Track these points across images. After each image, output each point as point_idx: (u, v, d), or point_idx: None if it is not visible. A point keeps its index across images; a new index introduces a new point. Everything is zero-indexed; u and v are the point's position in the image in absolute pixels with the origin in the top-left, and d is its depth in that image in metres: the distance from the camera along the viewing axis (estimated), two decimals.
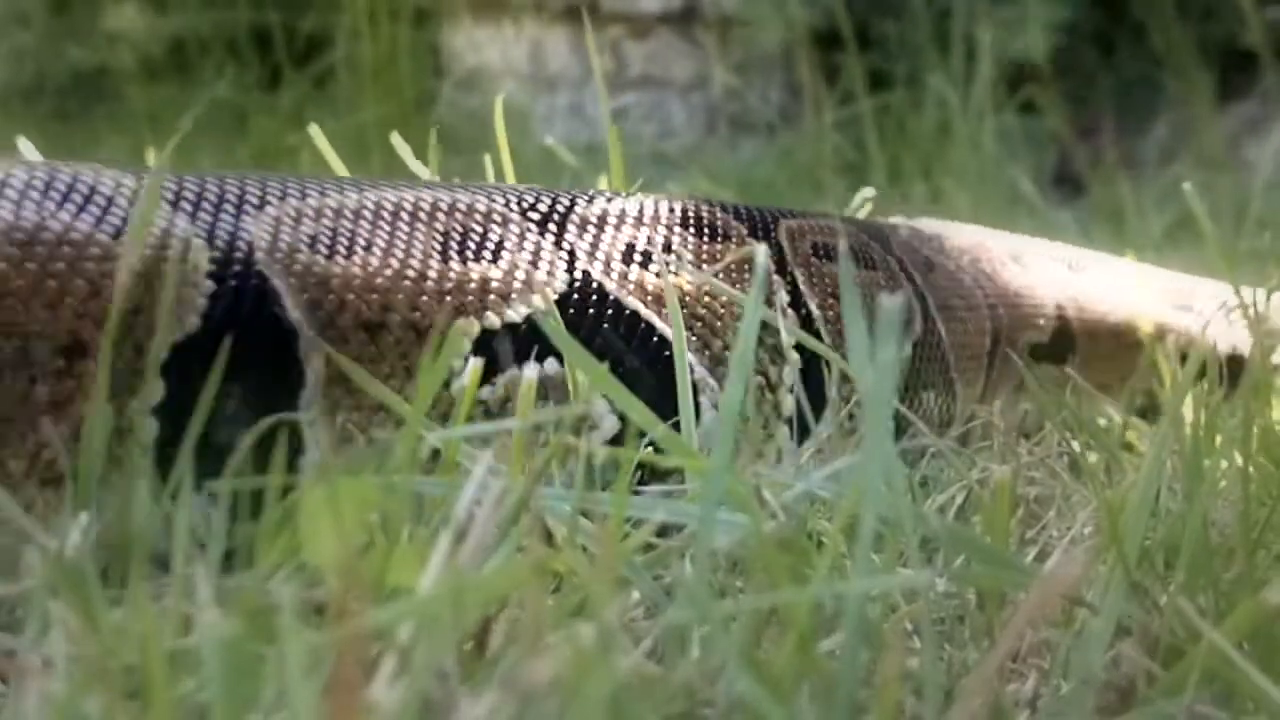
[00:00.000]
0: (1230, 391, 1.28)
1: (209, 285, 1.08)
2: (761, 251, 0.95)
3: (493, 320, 1.18)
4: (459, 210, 1.23)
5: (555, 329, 1.14)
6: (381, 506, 0.83)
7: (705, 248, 1.34)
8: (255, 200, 1.15)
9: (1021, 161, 4.08)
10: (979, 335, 1.61)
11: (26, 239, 1.02)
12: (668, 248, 1.31)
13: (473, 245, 1.21)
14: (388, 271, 1.15)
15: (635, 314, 1.25)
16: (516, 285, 1.20)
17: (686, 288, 1.30)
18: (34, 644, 0.77)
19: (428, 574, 0.74)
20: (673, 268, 1.29)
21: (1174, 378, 1.44)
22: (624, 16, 5.03)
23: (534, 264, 1.23)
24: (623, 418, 1.19)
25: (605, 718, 0.64)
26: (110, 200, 1.08)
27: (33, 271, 1.01)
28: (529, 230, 1.25)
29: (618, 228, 1.31)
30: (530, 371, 1.03)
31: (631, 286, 1.26)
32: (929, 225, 1.79)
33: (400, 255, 1.17)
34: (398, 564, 0.80)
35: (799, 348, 1.30)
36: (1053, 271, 1.79)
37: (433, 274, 1.17)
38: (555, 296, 1.21)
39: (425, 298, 1.15)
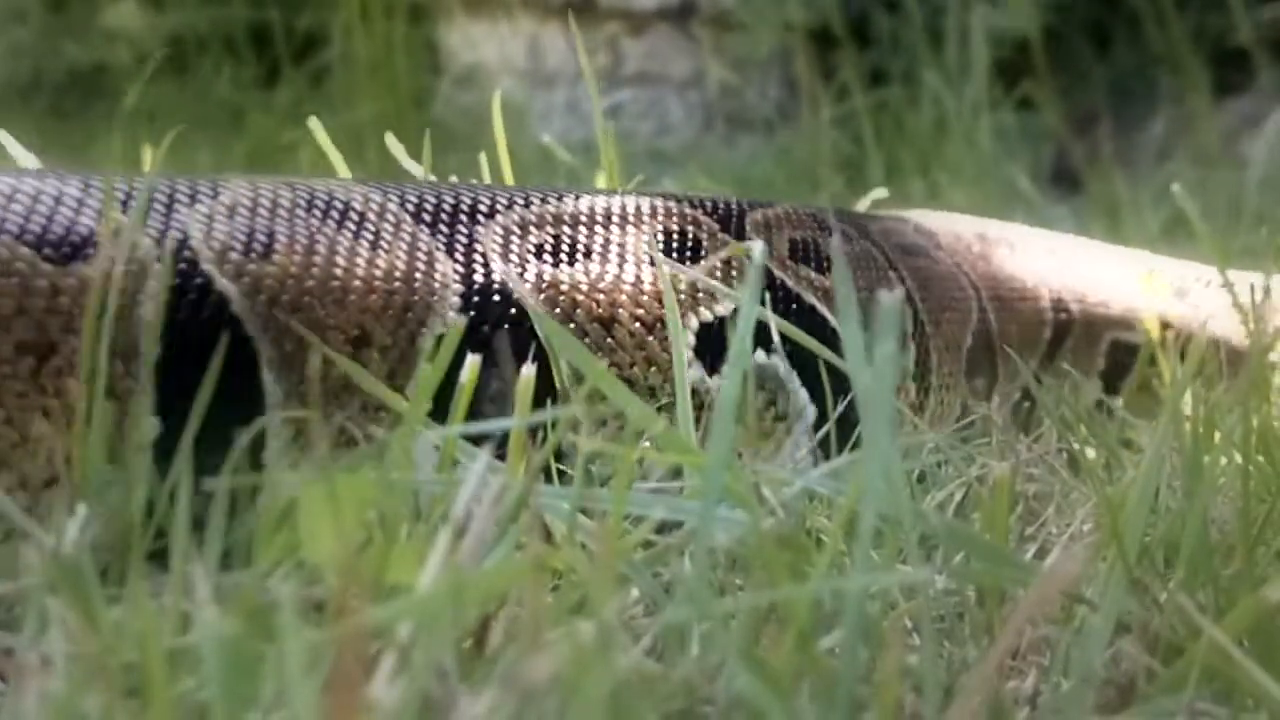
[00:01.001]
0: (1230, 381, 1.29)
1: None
2: (758, 248, 0.95)
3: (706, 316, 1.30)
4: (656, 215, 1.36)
5: (547, 323, 1.14)
6: (380, 504, 0.83)
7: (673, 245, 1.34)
8: (485, 209, 1.27)
9: (1018, 158, 4.09)
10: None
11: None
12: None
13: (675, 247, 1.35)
14: (610, 274, 1.29)
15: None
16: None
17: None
18: (33, 642, 0.77)
19: (427, 572, 0.74)
20: (667, 265, 1.29)
21: (1173, 374, 1.44)
22: (621, 13, 5.02)
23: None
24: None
25: (605, 715, 0.63)
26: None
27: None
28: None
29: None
30: (527, 369, 1.03)
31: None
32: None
33: (623, 258, 1.30)
34: (397, 561, 0.80)
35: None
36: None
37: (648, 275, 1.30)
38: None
39: (645, 297, 1.28)
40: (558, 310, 1.24)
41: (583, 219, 1.31)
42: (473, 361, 1.06)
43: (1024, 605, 0.73)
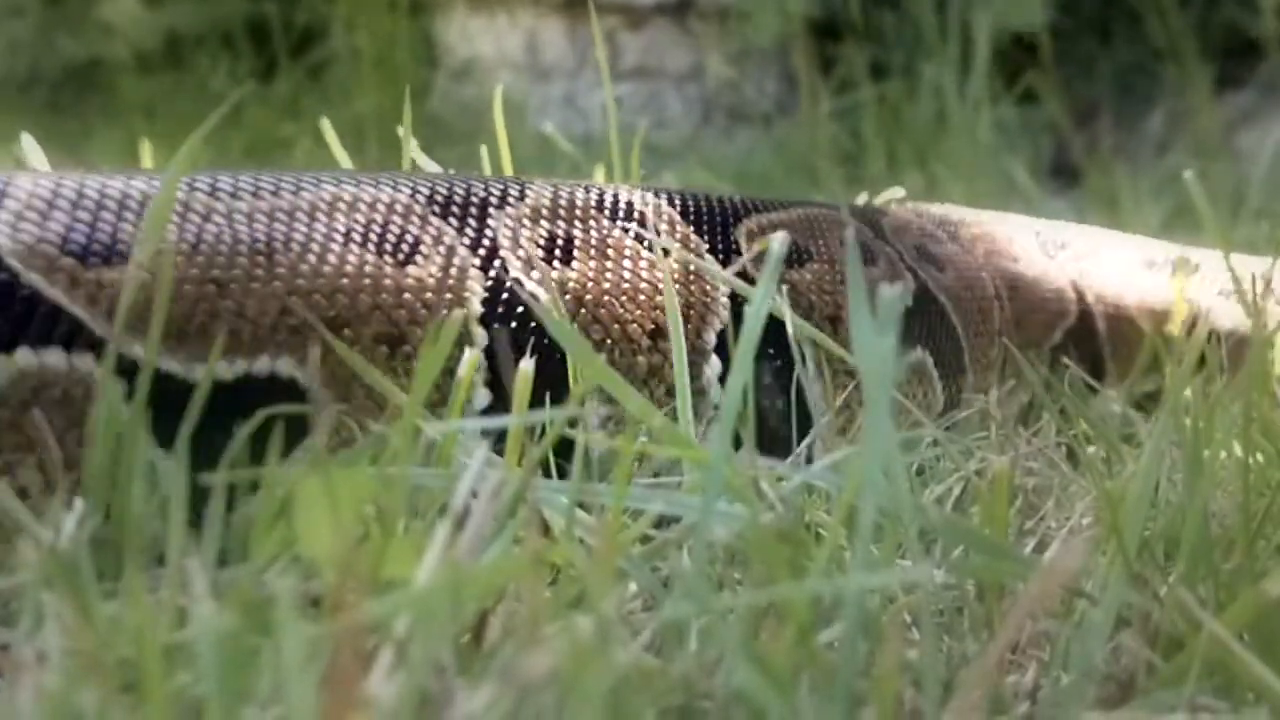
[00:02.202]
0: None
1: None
2: (779, 239, 0.94)
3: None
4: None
5: (550, 317, 1.13)
6: (377, 498, 0.83)
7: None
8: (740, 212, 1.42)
9: (1018, 151, 4.08)
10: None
11: None
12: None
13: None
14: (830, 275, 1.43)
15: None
16: None
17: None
18: (28, 637, 0.77)
19: (425, 566, 0.74)
20: (672, 258, 1.29)
21: (1174, 367, 1.43)
22: (619, 7, 5.02)
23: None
24: None
25: (603, 710, 0.63)
26: None
27: None
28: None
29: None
30: (526, 364, 1.03)
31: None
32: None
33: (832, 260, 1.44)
34: (394, 556, 0.80)
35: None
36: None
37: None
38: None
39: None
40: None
41: None
42: (471, 356, 1.05)
43: (1024, 599, 0.72)
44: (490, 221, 1.25)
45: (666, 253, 1.30)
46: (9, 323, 1.01)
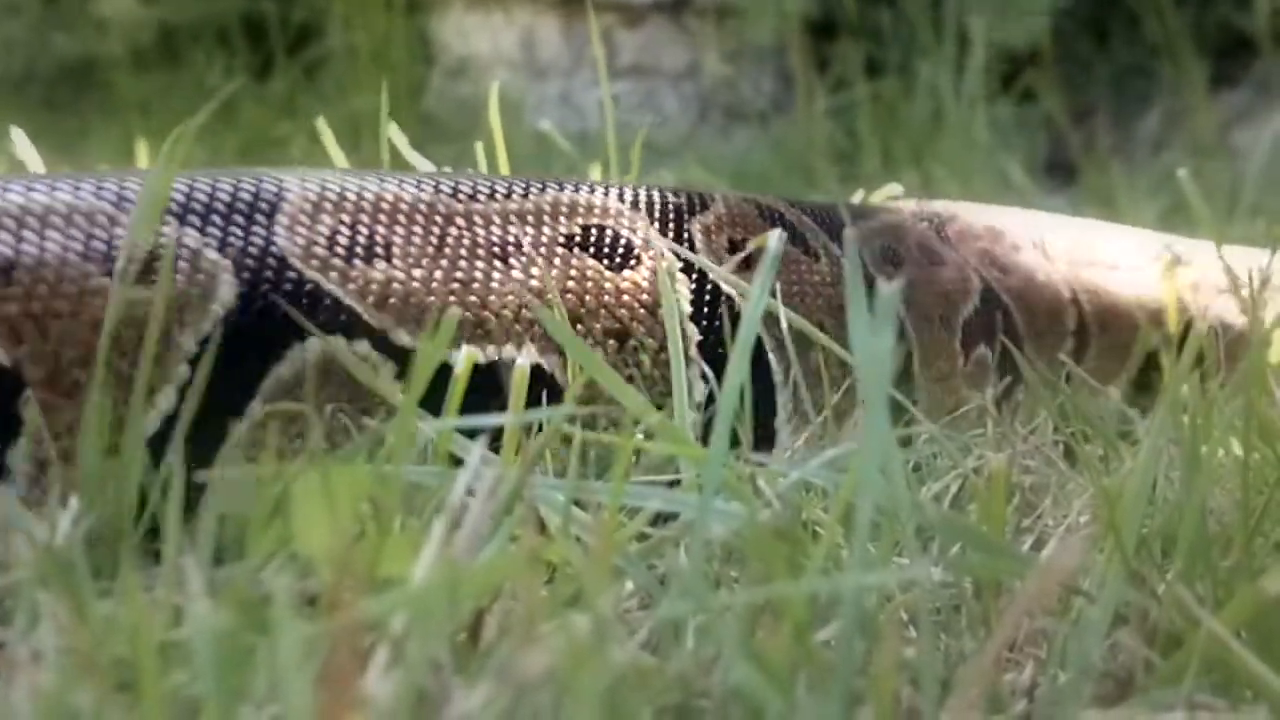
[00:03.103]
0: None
1: None
2: (775, 236, 0.94)
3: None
4: None
5: (550, 318, 1.13)
6: (374, 496, 0.82)
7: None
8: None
9: (1014, 149, 4.08)
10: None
11: None
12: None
13: None
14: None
15: None
16: None
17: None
18: (23, 636, 0.77)
19: (421, 564, 0.74)
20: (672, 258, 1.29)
21: (1172, 365, 1.43)
22: (616, 5, 5.01)
23: None
24: None
25: (600, 709, 0.63)
26: None
27: None
28: None
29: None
30: (522, 360, 1.03)
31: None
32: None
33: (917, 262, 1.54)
34: (391, 554, 0.80)
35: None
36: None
37: None
38: None
39: None
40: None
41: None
42: (469, 353, 1.05)
43: (1021, 597, 0.72)
44: (686, 227, 1.37)
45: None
46: (302, 315, 1.11)
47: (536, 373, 1.18)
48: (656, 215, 1.34)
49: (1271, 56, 4.46)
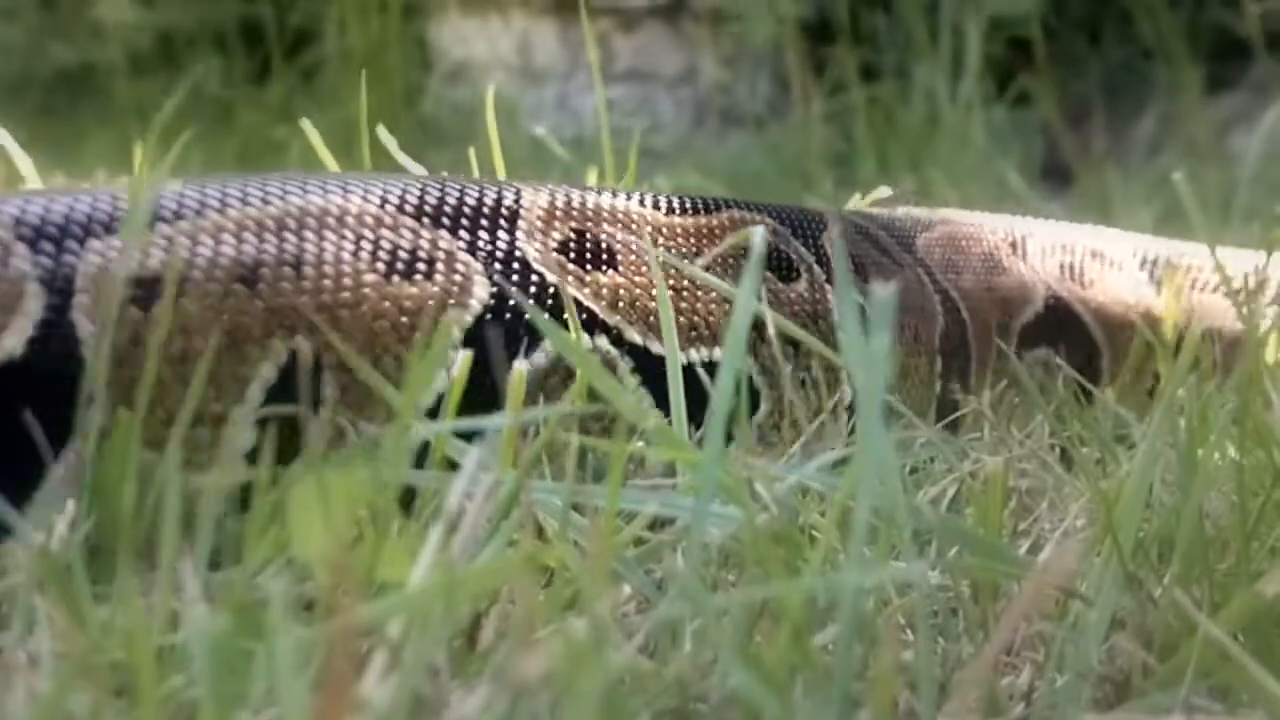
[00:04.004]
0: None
1: None
2: (758, 234, 0.94)
3: None
4: None
5: (543, 321, 1.13)
6: (371, 500, 0.82)
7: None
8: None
9: (1010, 153, 4.08)
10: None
11: None
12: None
13: None
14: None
15: None
16: None
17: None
18: (20, 640, 0.77)
19: (418, 568, 0.74)
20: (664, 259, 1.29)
21: (1168, 367, 1.43)
22: (612, 9, 5.02)
23: None
24: None
25: (598, 713, 0.63)
26: None
27: None
28: None
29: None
30: (520, 364, 1.03)
31: None
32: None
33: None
34: (388, 558, 0.80)
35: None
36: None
37: None
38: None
39: None
40: None
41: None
42: (465, 356, 1.05)
43: (1019, 601, 0.72)
44: (821, 239, 1.48)
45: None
46: (549, 315, 1.20)
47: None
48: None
49: (1267, 59, 4.46)
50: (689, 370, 1.20)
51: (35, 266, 1.04)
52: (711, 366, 1.27)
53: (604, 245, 1.28)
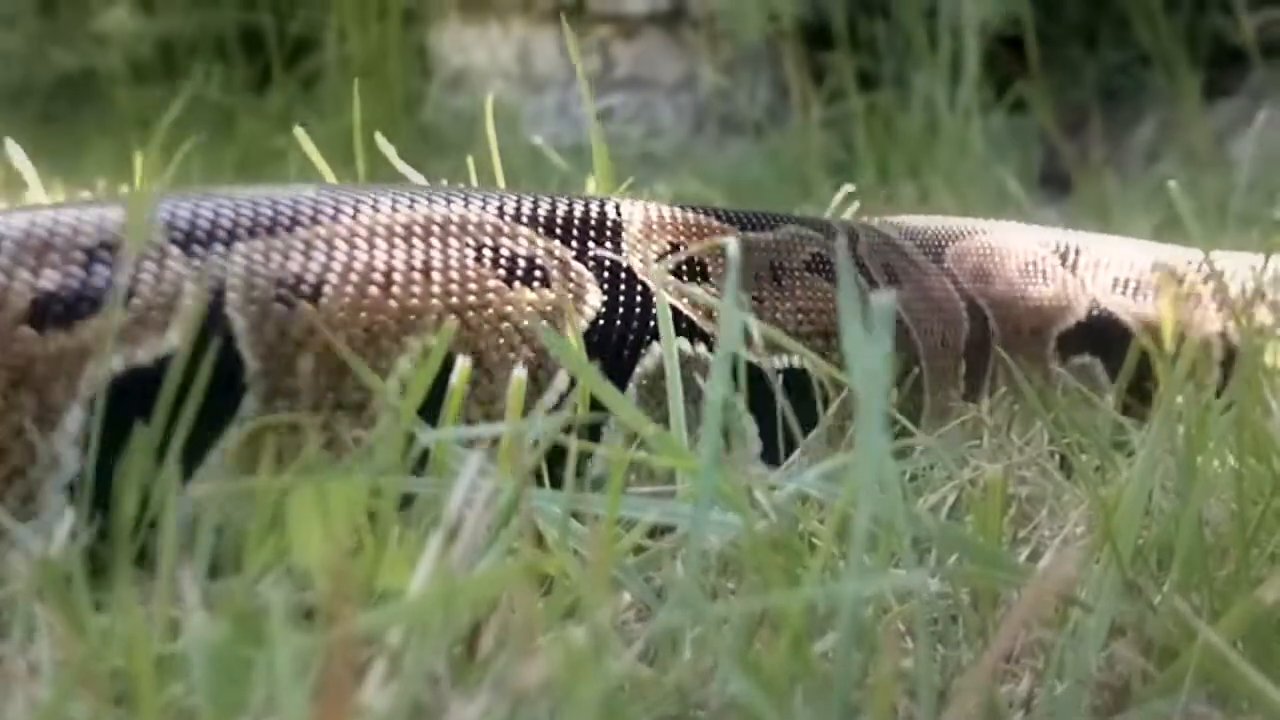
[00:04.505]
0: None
1: None
2: (733, 244, 0.95)
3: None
4: None
5: (544, 331, 1.13)
6: (370, 508, 0.82)
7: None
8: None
9: (1009, 160, 4.09)
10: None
11: None
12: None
13: None
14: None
15: None
16: None
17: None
18: (20, 648, 0.77)
19: (418, 576, 0.74)
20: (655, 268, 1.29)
21: (1167, 374, 1.43)
22: (611, 17, 5.02)
23: None
24: None
25: None
26: None
27: None
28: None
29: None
30: (519, 371, 1.03)
31: None
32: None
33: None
34: (388, 566, 0.80)
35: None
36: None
37: None
38: None
39: None
40: None
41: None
42: (463, 365, 1.05)
43: (1018, 608, 0.72)
44: (946, 252, 1.65)
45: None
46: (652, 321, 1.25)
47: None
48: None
49: (1264, 67, 4.46)
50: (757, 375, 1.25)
51: (188, 267, 1.08)
52: (790, 373, 1.31)
53: (695, 257, 1.35)
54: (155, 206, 1.10)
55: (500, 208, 1.25)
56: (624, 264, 1.28)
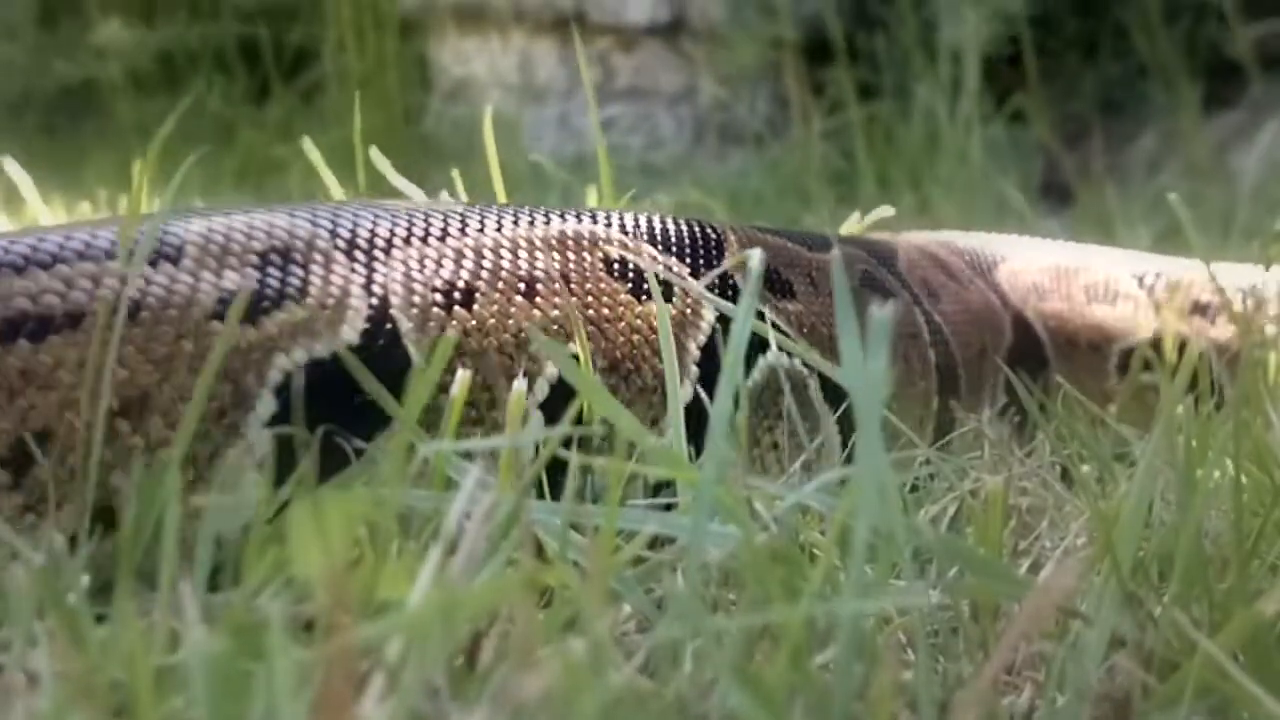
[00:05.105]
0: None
1: None
2: (756, 257, 0.95)
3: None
4: None
5: (545, 341, 1.14)
6: (370, 520, 0.82)
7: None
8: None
9: (1009, 171, 4.09)
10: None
11: None
12: None
13: None
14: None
15: None
16: None
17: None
18: (19, 660, 0.77)
19: (417, 588, 0.74)
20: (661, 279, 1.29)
21: (1167, 386, 1.43)
22: (611, 28, 5.03)
23: None
24: None
25: None
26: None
27: None
28: None
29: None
30: (519, 384, 1.03)
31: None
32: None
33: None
34: (387, 578, 0.79)
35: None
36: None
37: None
38: None
39: None
40: None
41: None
42: (464, 376, 1.05)
43: (1019, 620, 0.72)
44: (997, 276, 1.75)
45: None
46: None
47: None
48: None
49: (1262, 78, 4.47)
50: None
51: (354, 273, 1.16)
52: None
53: (783, 276, 1.43)
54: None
55: (624, 224, 1.33)
56: (731, 280, 1.35)
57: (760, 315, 1.31)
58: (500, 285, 1.21)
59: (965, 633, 0.90)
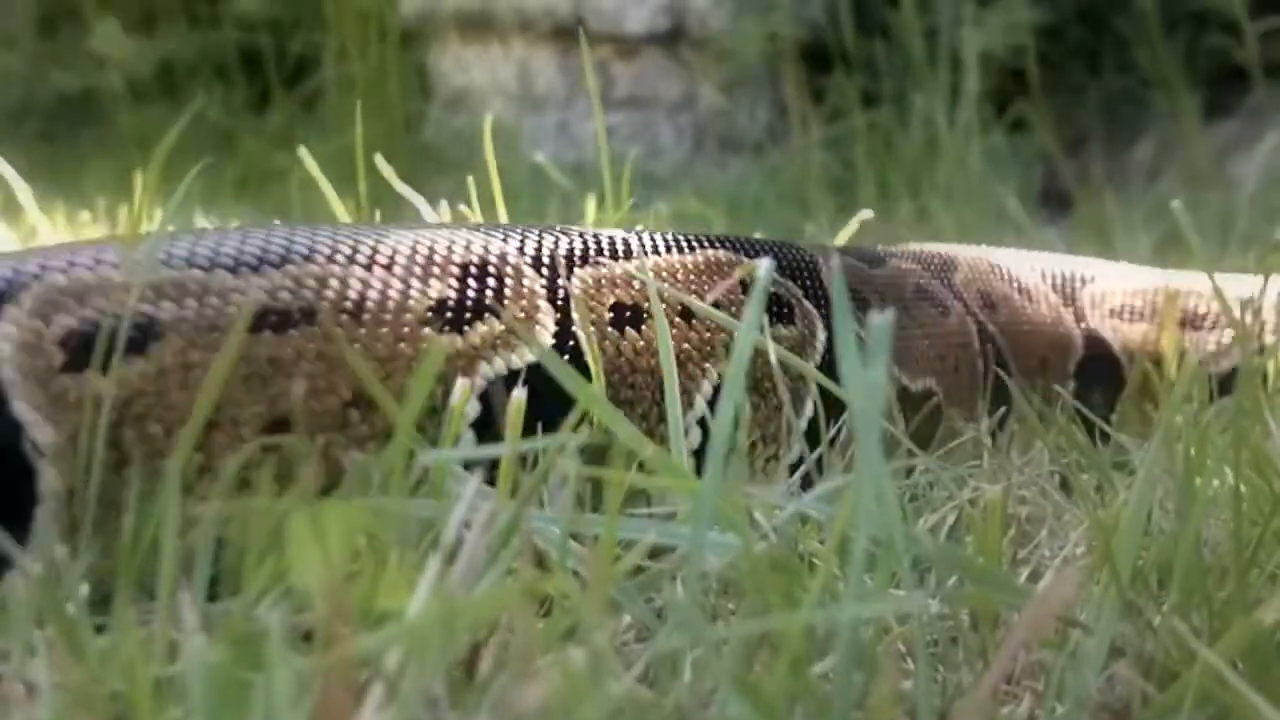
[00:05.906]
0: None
1: None
2: (764, 266, 0.95)
3: None
4: None
5: (543, 350, 1.14)
6: (369, 529, 0.82)
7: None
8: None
9: (1008, 179, 4.09)
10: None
11: None
12: None
13: None
14: None
15: None
16: None
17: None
18: (18, 670, 0.77)
19: (417, 598, 0.74)
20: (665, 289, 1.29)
21: (1166, 395, 1.44)
22: (611, 37, 5.03)
23: None
24: None
25: None
26: None
27: None
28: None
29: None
30: (518, 393, 1.03)
31: None
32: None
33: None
34: (386, 588, 0.79)
35: None
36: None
37: None
38: None
39: None
40: None
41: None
42: (463, 385, 1.05)
43: (1018, 629, 0.72)
44: (1080, 296, 1.79)
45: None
46: None
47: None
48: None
49: (1265, 85, 4.47)
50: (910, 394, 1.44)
51: (542, 288, 1.22)
52: (918, 394, 1.46)
53: (861, 294, 1.50)
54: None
55: (746, 250, 1.41)
56: (823, 290, 1.43)
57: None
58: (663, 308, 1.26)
59: (965, 642, 0.90)
